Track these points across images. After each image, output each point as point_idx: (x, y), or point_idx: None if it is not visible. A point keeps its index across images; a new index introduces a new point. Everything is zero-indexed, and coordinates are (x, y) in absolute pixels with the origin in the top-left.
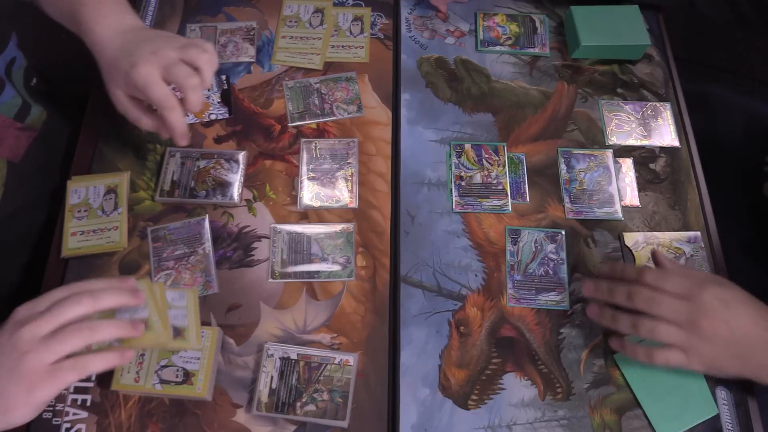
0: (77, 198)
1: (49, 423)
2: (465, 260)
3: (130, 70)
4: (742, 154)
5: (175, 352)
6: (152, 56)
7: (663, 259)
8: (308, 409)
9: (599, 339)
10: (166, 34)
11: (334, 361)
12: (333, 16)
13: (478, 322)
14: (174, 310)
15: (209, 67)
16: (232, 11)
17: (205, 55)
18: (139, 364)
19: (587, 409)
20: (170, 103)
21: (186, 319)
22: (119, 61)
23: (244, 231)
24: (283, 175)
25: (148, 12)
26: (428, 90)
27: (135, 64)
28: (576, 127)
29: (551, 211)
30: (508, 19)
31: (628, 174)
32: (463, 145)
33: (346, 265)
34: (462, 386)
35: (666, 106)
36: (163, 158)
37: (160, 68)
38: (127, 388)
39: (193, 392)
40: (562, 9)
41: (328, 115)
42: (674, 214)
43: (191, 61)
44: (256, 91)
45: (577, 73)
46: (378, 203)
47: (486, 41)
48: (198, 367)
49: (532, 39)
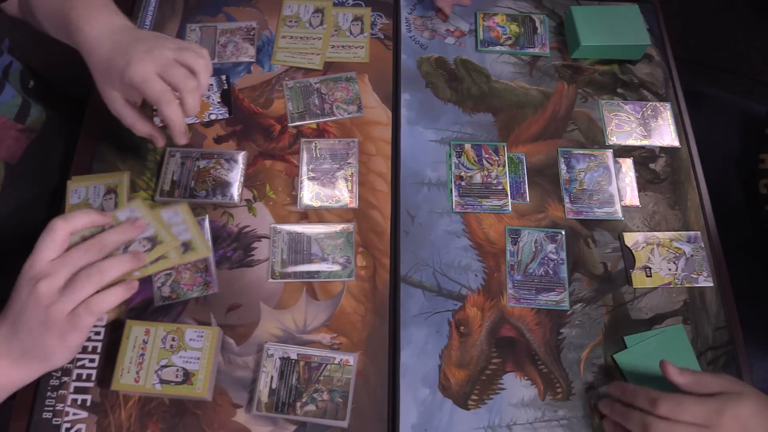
0: (77, 198)
1: (49, 423)
2: (465, 260)
3: (125, 68)
4: (738, 153)
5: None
6: (148, 54)
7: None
8: (308, 409)
9: (599, 339)
10: (159, 35)
11: (334, 361)
12: (333, 16)
13: (478, 322)
14: (174, 227)
15: (206, 73)
16: (232, 11)
17: (202, 60)
18: (139, 364)
19: (587, 409)
20: (168, 97)
21: (188, 232)
22: (113, 59)
23: (244, 231)
24: (283, 175)
25: (148, 12)
26: (428, 90)
27: (130, 61)
28: (576, 127)
29: (551, 211)
30: (508, 19)
31: (628, 174)
32: (463, 145)
33: (346, 265)
34: (462, 386)
35: (666, 106)
36: (163, 158)
37: (157, 66)
38: (127, 388)
39: (193, 392)
40: (562, 8)
41: (328, 115)
42: (674, 214)
43: (187, 65)
44: (256, 91)
45: (577, 73)
46: (378, 203)
47: (486, 41)
48: (198, 367)
49: (532, 39)
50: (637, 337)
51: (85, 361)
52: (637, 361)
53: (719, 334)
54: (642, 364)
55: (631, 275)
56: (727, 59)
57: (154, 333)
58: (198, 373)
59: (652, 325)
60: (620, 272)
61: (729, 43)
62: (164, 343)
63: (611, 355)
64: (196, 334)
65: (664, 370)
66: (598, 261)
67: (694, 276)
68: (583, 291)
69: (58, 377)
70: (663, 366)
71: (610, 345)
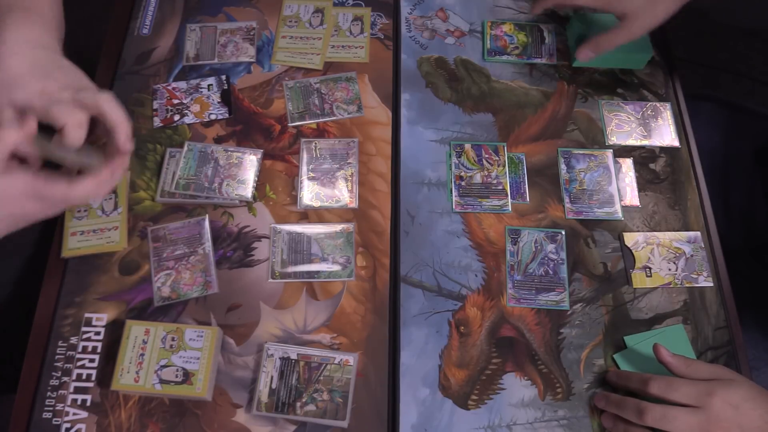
0: None
1: (49, 423)
2: (465, 260)
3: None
4: (741, 153)
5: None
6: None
7: (666, 357)
8: (308, 409)
9: (599, 339)
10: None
11: (334, 361)
12: (333, 16)
13: (478, 322)
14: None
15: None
16: (232, 11)
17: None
18: (139, 364)
19: (587, 409)
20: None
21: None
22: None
23: (244, 231)
24: (283, 175)
25: (148, 12)
26: (428, 90)
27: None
28: (576, 127)
29: (551, 211)
30: (515, 28)
31: (628, 174)
32: (463, 145)
33: (346, 265)
34: (462, 386)
35: (666, 106)
36: (163, 158)
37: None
38: (127, 388)
39: (193, 392)
40: (562, 9)
41: (328, 115)
42: (674, 214)
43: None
44: (256, 91)
45: (577, 73)
46: (378, 203)
47: (493, 50)
48: (198, 367)
49: (539, 49)
50: (637, 337)
51: (85, 361)
52: (637, 361)
53: (719, 334)
54: (642, 364)
55: (631, 275)
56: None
57: (154, 333)
58: (198, 373)
59: (652, 325)
60: (620, 272)
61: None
62: (164, 343)
63: (611, 355)
64: (195, 334)
65: (656, 352)
66: (598, 261)
67: (694, 276)
68: (583, 291)
69: (58, 377)
70: (656, 348)
71: (610, 345)
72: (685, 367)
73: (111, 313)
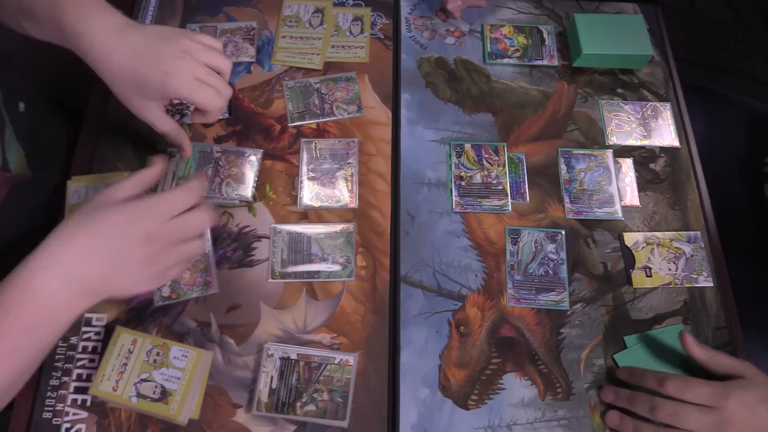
0: (77, 198)
1: (49, 423)
2: (465, 260)
3: (166, 81)
4: (742, 154)
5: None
6: (181, 62)
7: (692, 346)
8: (308, 409)
9: (599, 339)
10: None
11: (334, 361)
12: (333, 16)
13: (478, 322)
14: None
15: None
16: (232, 11)
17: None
18: (121, 373)
19: (587, 409)
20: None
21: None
22: (141, 70)
23: (244, 231)
24: (283, 175)
25: (148, 12)
26: (428, 90)
27: (169, 73)
28: (576, 127)
29: (551, 211)
30: (515, 30)
31: (628, 174)
32: (463, 145)
33: (346, 265)
34: (462, 386)
35: (666, 106)
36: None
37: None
38: (104, 395)
39: (167, 412)
40: (562, 9)
41: (328, 115)
42: (674, 214)
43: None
44: (256, 91)
45: (577, 74)
46: (378, 203)
47: (494, 53)
48: (176, 387)
49: (540, 50)
50: (637, 337)
51: (85, 361)
52: (637, 361)
53: (719, 334)
54: (642, 364)
55: (631, 275)
56: (727, 59)
57: (141, 344)
58: (175, 394)
59: (652, 325)
60: (620, 272)
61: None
62: (148, 357)
63: (611, 355)
64: (180, 353)
65: (683, 341)
66: (598, 261)
67: (694, 276)
68: (583, 291)
69: (58, 377)
70: (682, 337)
71: (610, 345)
72: (709, 358)
73: (111, 313)
